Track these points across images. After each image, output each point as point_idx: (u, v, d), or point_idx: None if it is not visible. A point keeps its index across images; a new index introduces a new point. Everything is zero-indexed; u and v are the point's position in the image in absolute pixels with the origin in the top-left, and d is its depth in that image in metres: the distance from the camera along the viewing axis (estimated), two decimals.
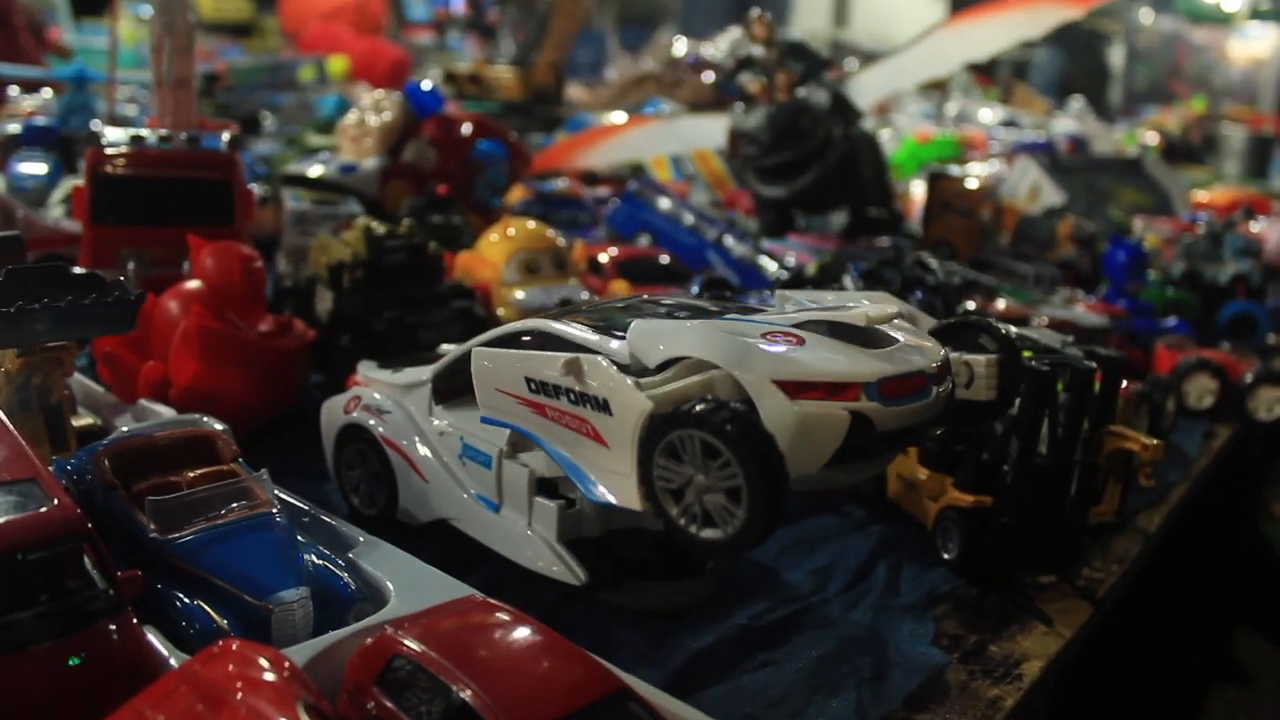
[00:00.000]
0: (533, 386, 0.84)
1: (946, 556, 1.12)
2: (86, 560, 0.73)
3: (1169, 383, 1.59)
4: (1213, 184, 3.99)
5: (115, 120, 2.59)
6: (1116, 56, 9.55)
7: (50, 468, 0.92)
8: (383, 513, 1.09)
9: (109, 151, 1.43)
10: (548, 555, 0.95)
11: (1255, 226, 2.86)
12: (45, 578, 0.71)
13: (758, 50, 2.06)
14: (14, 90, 2.50)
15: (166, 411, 1.12)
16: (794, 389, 0.73)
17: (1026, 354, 1.09)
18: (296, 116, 3.66)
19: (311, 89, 4.44)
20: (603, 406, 0.78)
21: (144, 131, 1.46)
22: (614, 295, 1.59)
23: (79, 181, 1.96)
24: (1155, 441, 1.11)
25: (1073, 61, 8.77)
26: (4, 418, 0.84)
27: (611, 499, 0.80)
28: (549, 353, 0.82)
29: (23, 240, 1.14)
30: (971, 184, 2.30)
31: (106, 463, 0.90)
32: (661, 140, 2.55)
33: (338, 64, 4.88)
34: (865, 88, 2.18)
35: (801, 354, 0.76)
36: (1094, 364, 1.09)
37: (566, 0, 3.19)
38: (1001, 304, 1.74)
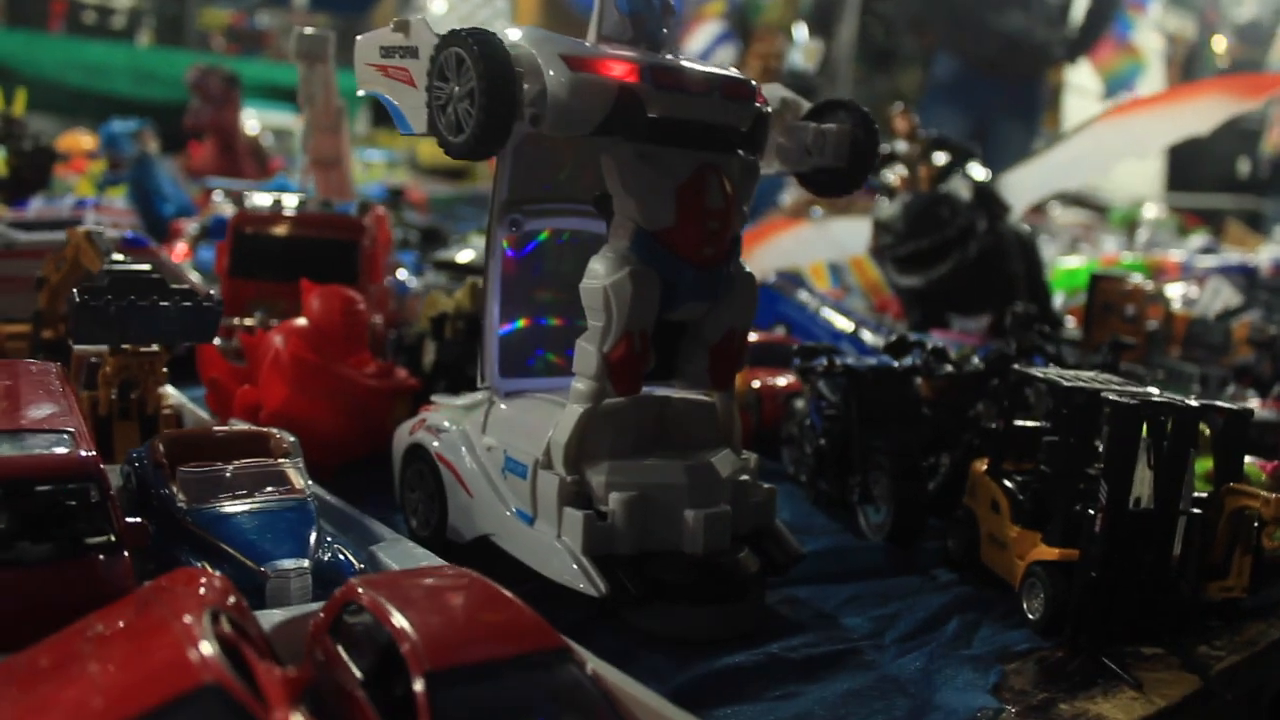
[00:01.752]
0: (383, 52, 0.99)
1: (1032, 618, 1.01)
2: (93, 499, 0.75)
3: None
4: None
5: None
6: None
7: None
8: (435, 532, 1.08)
9: (250, 213, 1.54)
10: (571, 567, 0.91)
11: None
12: (54, 510, 0.74)
13: (900, 145, 2.03)
14: (219, 195, 2.75)
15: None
16: (574, 63, 0.87)
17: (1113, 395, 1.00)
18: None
19: None
20: (415, 54, 0.94)
21: (284, 196, 1.57)
22: None
23: None
24: (1276, 495, 0.98)
25: None
26: (70, 390, 0.90)
27: (415, 129, 0.95)
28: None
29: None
30: (1138, 282, 2.16)
31: (161, 446, 0.94)
32: (813, 245, 2.53)
33: None
34: (1018, 185, 2.11)
35: (594, 47, 0.92)
36: (1199, 412, 0.98)
37: None
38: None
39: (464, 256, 2.15)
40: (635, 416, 0.98)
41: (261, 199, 1.59)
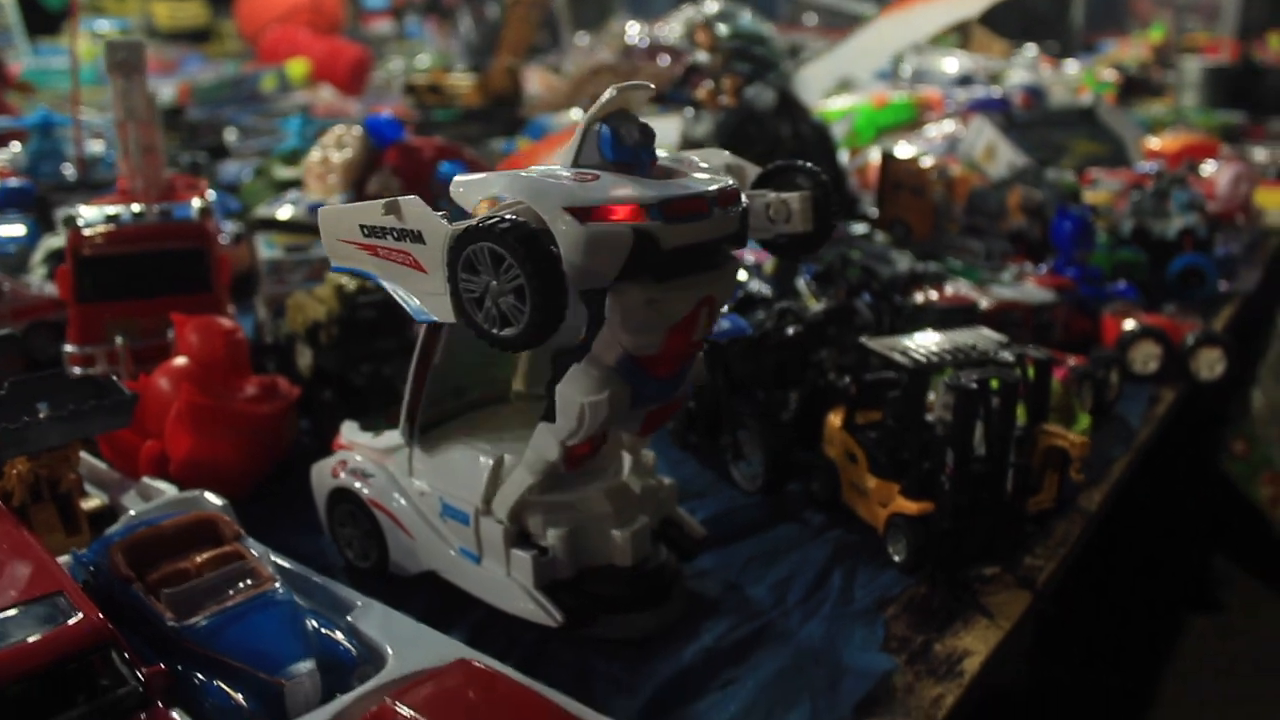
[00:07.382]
0: (365, 231, 0.95)
1: (896, 559, 1.22)
2: (115, 659, 0.82)
3: (1111, 357, 1.69)
4: (1171, 123, 4.06)
5: (85, 162, 2.66)
6: None
7: (67, 558, 1.03)
8: (376, 566, 1.18)
9: (87, 232, 1.50)
10: (527, 600, 1.04)
11: (1206, 170, 2.95)
12: (80, 684, 0.80)
13: (702, 57, 2.12)
14: None
15: (168, 488, 1.21)
16: (582, 214, 0.84)
17: (947, 372, 1.19)
18: (262, 129, 3.71)
19: (275, 98, 4.49)
20: (418, 238, 0.90)
21: (117, 208, 1.53)
22: None
23: (56, 241, 2.04)
24: (1082, 439, 1.21)
25: None
26: (28, 534, 0.93)
27: (434, 316, 0.92)
28: (376, 201, 0.94)
29: (16, 339, 1.23)
30: (923, 163, 2.38)
31: (120, 556, 0.99)
32: None
33: (298, 68, 4.92)
34: (812, 82, 2.25)
35: (592, 186, 0.87)
36: (1019, 374, 1.19)
37: (519, 7, 3.25)
38: (950, 289, 1.82)
39: (283, 212, 2.12)
40: None
41: (90, 213, 1.54)
